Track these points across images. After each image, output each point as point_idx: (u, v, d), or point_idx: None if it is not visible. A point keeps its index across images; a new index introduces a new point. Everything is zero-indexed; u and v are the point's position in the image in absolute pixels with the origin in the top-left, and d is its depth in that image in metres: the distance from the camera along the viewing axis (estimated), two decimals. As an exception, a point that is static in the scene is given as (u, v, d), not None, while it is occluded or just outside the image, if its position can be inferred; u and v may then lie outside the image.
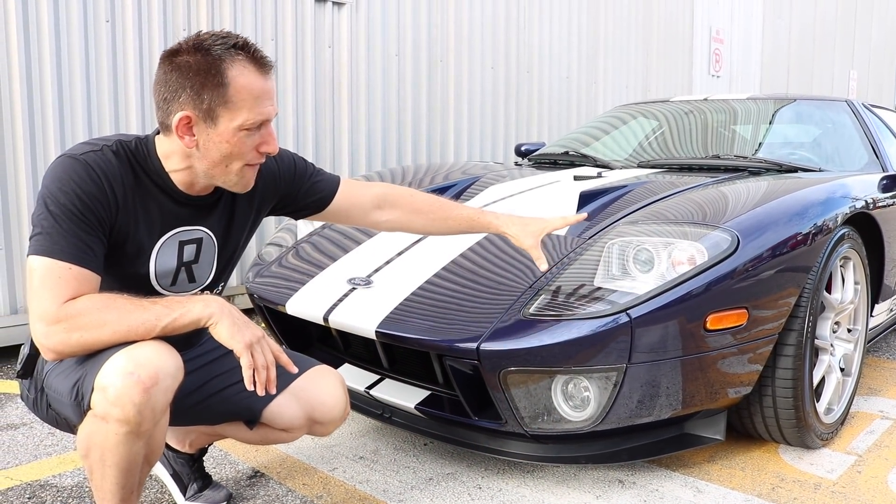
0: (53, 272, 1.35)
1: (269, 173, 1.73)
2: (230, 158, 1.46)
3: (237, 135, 1.42)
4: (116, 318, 1.35)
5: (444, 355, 1.95)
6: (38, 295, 1.35)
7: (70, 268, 1.36)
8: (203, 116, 1.40)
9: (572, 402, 1.93)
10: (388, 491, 2.08)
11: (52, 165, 1.44)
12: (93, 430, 1.40)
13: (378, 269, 2.28)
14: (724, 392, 2.07)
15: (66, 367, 1.47)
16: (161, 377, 1.36)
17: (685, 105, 3.88)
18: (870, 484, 2.14)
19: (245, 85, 1.40)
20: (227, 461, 2.28)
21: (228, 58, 1.38)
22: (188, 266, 1.61)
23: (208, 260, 1.65)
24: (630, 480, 2.15)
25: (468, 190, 2.92)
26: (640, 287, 1.91)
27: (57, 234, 1.37)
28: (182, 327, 1.39)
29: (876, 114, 3.69)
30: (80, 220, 1.39)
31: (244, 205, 1.70)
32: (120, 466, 1.43)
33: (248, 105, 1.41)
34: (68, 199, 1.38)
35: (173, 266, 1.58)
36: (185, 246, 1.59)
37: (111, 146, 1.48)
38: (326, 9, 4.43)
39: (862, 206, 2.53)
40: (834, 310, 2.42)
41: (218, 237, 1.65)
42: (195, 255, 1.61)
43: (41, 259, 1.36)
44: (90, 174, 1.41)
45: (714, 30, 8.25)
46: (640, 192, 2.58)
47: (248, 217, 1.73)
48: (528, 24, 5.77)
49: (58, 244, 1.37)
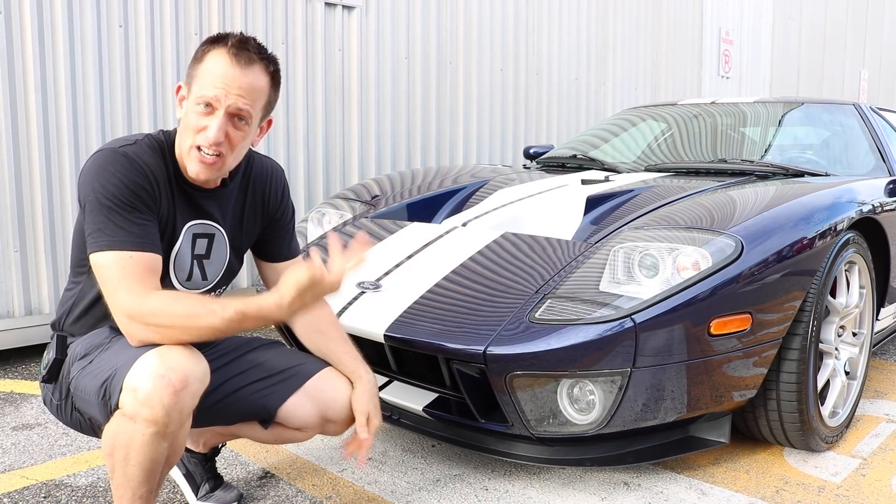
0: (119, 264, 1.45)
1: (274, 192, 1.84)
2: (185, 132, 1.57)
3: (193, 108, 1.54)
4: (194, 316, 1.44)
5: (451, 359, 1.98)
6: (114, 291, 1.45)
7: (132, 255, 1.46)
8: (186, 89, 1.57)
9: (578, 405, 1.96)
10: (396, 492, 2.11)
11: (92, 160, 1.51)
12: (119, 430, 1.45)
13: (387, 274, 2.31)
14: (728, 395, 2.09)
15: (94, 368, 1.52)
16: (190, 381, 1.42)
17: (692, 108, 3.90)
18: (874, 487, 2.16)
19: (212, 66, 1.53)
20: (238, 462, 2.31)
21: (217, 47, 1.54)
22: (200, 261, 1.68)
23: (220, 257, 1.72)
24: (635, 483, 2.17)
25: (476, 194, 2.95)
26: (645, 292, 1.93)
27: (113, 226, 1.46)
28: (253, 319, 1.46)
29: (884, 117, 3.69)
30: (131, 208, 1.48)
31: (252, 210, 1.78)
32: (143, 466, 1.47)
33: (207, 81, 1.52)
34: (118, 190, 1.47)
35: (188, 258, 1.65)
36: (197, 239, 1.67)
37: (144, 140, 1.58)
38: (336, 12, 4.47)
39: (868, 211, 2.54)
40: (839, 314, 2.44)
41: (228, 234, 1.73)
42: (206, 249, 1.68)
43: (104, 255, 1.46)
44: (134, 164, 1.51)
45: (723, 30, 8.25)
46: (646, 196, 2.60)
47: (255, 222, 1.80)
48: (536, 26, 5.79)
49: (116, 236, 1.46)
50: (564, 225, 2.43)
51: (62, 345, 1.65)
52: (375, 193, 3.15)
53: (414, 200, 3.00)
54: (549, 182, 3.05)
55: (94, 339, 1.61)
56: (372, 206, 3.02)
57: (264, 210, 1.82)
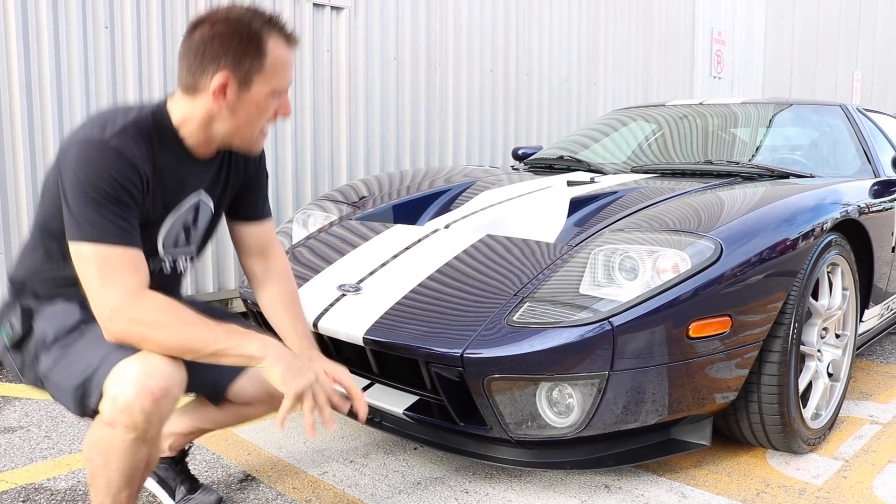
0: (107, 258, 1.44)
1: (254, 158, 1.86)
2: (254, 120, 1.59)
3: (266, 99, 1.57)
4: (178, 326, 1.44)
5: (430, 362, 1.97)
6: (101, 286, 1.43)
7: (120, 251, 1.45)
8: (239, 80, 1.54)
9: (557, 408, 1.95)
10: (377, 495, 2.11)
11: (81, 149, 1.47)
12: (99, 436, 1.46)
13: (368, 276, 2.31)
14: (710, 398, 2.09)
15: (69, 364, 1.50)
16: (171, 388, 1.43)
17: (680, 109, 3.90)
18: (854, 489, 2.16)
19: (279, 56, 1.55)
20: (219, 465, 2.31)
21: (267, 32, 1.54)
22: (187, 229, 1.70)
23: (203, 225, 1.75)
24: (616, 485, 2.17)
25: (461, 195, 2.95)
26: (625, 295, 1.93)
27: (101, 219, 1.45)
28: (233, 357, 1.47)
29: (870, 118, 3.69)
30: (120, 203, 1.47)
31: (235, 177, 1.80)
32: (123, 472, 1.48)
33: (280, 74, 1.56)
34: (106, 184, 1.45)
35: (178, 228, 1.68)
36: (190, 212, 1.69)
37: (132, 125, 1.53)
38: (325, 13, 4.46)
39: (851, 213, 2.55)
40: (821, 316, 2.44)
41: (214, 203, 1.75)
42: (194, 217, 1.71)
43: (91, 246, 1.44)
44: (125, 158, 1.48)
45: (716, 31, 8.25)
46: (630, 198, 2.60)
47: (235, 184, 1.82)
48: (527, 26, 5.79)
49: (104, 228, 1.44)
50: (548, 227, 2.43)
51: (27, 319, 1.62)
52: (363, 194, 3.15)
53: (400, 202, 3.00)
54: (534, 183, 3.05)
55: (64, 319, 1.57)
56: (359, 207, 3.02)
57: (245, 172, 1.83)
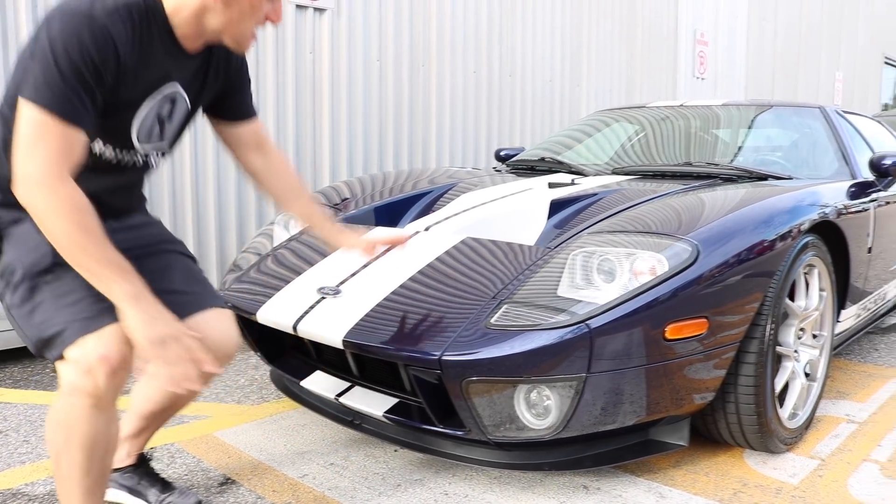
0: (47, 128, 1.41)
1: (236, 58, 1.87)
2: (247, 17, 1.62)
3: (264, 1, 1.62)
4: (71, 228, 1.42)
5: (409, 365, 1.98)
6: (30, 154, 1.41)
7: (62, 127, 1.43)
8: None
9: (535, 410, 1.96)
10: (356, 497, 2.11)
11: (66, 18, 1.43)
12: (58, 410, 1.53)
13: (347, 279, 2.31)
14: (689, 398, 2.11)
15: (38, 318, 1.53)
16: (127, 361, 1.50)
17: (662, 111, 3.92)
18: (830, 488, 2.18)
19: None
20: (199, 468, 2.30)
21: None
22: (161, 121, 1.70)
23: (178, 121, 1.75)
24: (595, 486, 2.18)
25: (443, 197, 2.96)
26: (602, 297, 1.94)
27: (59, 89, 1.42)
28: (99, 285, 1.46)
29: (848, 120, 3.73)
30: (84, 81, 1.44)
31: (214, 79, 1.81)
32: (84, 446, 1.53)
33: None
34: (80, 60, 1.43)
35: (153, 119, 1.68)
36: (166, 102, 1.69)
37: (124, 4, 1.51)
38: (308, 14, 4.46)
39: (828, 215, 2.57)
40: (798, 317, 2.46)
41: (190, 99, 1.76)
42: (169, 111, 1.71)
43: (38, 110, 1.41)
44: (107, 38, 1.46)
45: (698, 32, 8.30)
46: (609, 200, 2.61)
47: (213, 89, 1.83)
48: (510, 27, 5.80)
49: (58, 99, 1.42)
50: (528, 229, 2.44)
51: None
52: (345, 196, 3.15)
53: (381, 204, 3.01)
54: (516, 185, 3.06)
55: (33, 255, 1.56)
56: (341, 209, 3.02)
57: (226, 75, 1.84)
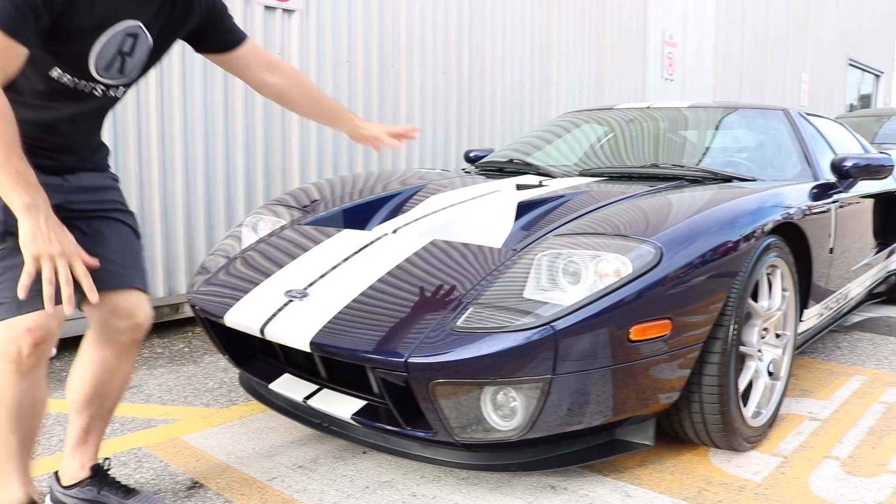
0: None
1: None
2: None
3: None
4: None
5: (376, 367, 1.98)
6: None
7: (5, 38, 1.45)
8: None
9: (501, 411, 1.98)
10: (325, 500, 2.11)
11: None
12: None
13: (315, 282, 2.31)
14: (654, 398, 2.13)
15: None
16: (50, 338, 1.63)
17: (628, 113, 3.96)
18: (792, 485, 2.22)
19: None
20: (167, 472, 2.29)
21: None
22: (123, 57, 1.73)
23: (140, 56, 1.78)
24: (562, 486, 2.20)
25: (411, 199, 2.96)
26: (568, 299, 1.96)
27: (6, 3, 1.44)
28: (3, 196, 1.48)
29: (812, 122, 3.80)
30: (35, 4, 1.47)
31: (178, 18, 1.84)
32: (8, 407, 1.65)
33: None
34: None
35: (113, 52, 1.70)
36: (127, 37, 1.71)
37: None
38: (276, 15, 4.44)
39: (791, 216, 2.62)
40: (761, 317, 2.50)
41: (154, 36, 1.78)
42: (131, 48, 1.74)
43: None
44: None
45: (667, 34, 8.38)
46: (576, 202, 2.63)
47: (176, 29, 1.86)
48: (480, 28, 5.82)
49: (3, 12, 1.44)
50: (495, 231, 2.45)
51: None
52: (314, 198, 3.14)
53: (350, 206, 3.00)
54: (484, 187, 3.07)
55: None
56: (309, 211, 3.01)
57: (198, 14, 1.87)
